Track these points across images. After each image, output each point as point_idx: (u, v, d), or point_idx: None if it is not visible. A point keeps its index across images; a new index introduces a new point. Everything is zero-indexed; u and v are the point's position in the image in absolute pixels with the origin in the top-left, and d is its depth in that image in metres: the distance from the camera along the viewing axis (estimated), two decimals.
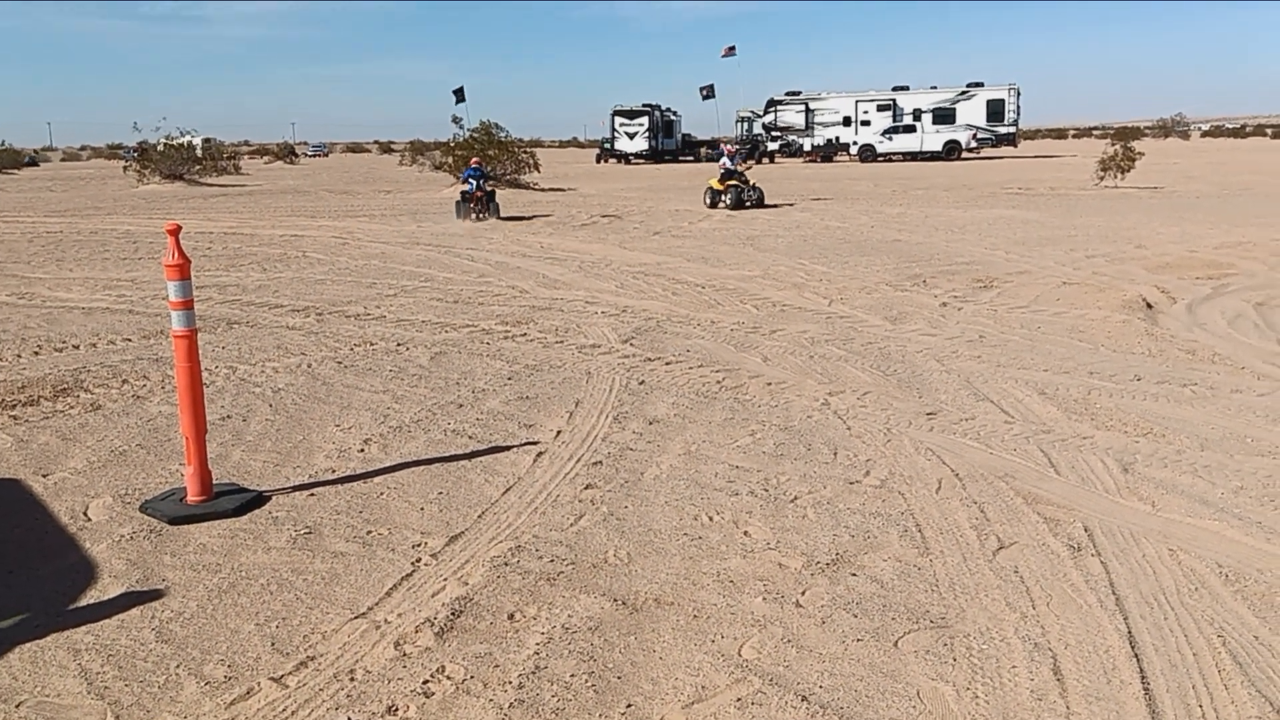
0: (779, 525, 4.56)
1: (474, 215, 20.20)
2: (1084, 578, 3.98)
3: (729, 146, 28.32)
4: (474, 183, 20.71)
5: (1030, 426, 6.02)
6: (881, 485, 5.07)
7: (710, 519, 4.65)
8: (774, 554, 4.25)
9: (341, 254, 15.14)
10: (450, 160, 33.10)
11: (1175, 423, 6.08)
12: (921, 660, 3.36)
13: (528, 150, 34.21)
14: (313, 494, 5.01)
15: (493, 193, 21.30)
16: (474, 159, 22.78)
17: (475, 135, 32.70)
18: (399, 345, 8.47)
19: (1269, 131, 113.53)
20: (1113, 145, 30.19)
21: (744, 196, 23.48)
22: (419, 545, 4.37)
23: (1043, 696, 3.13)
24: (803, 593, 3.88)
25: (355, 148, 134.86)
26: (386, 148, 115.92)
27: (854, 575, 4.03)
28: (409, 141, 74.63)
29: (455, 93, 36.80)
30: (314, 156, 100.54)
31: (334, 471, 5.34)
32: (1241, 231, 16.49)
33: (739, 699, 3.13)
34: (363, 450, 5.70)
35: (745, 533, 4.48)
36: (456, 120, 35.49)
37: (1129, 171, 29.08)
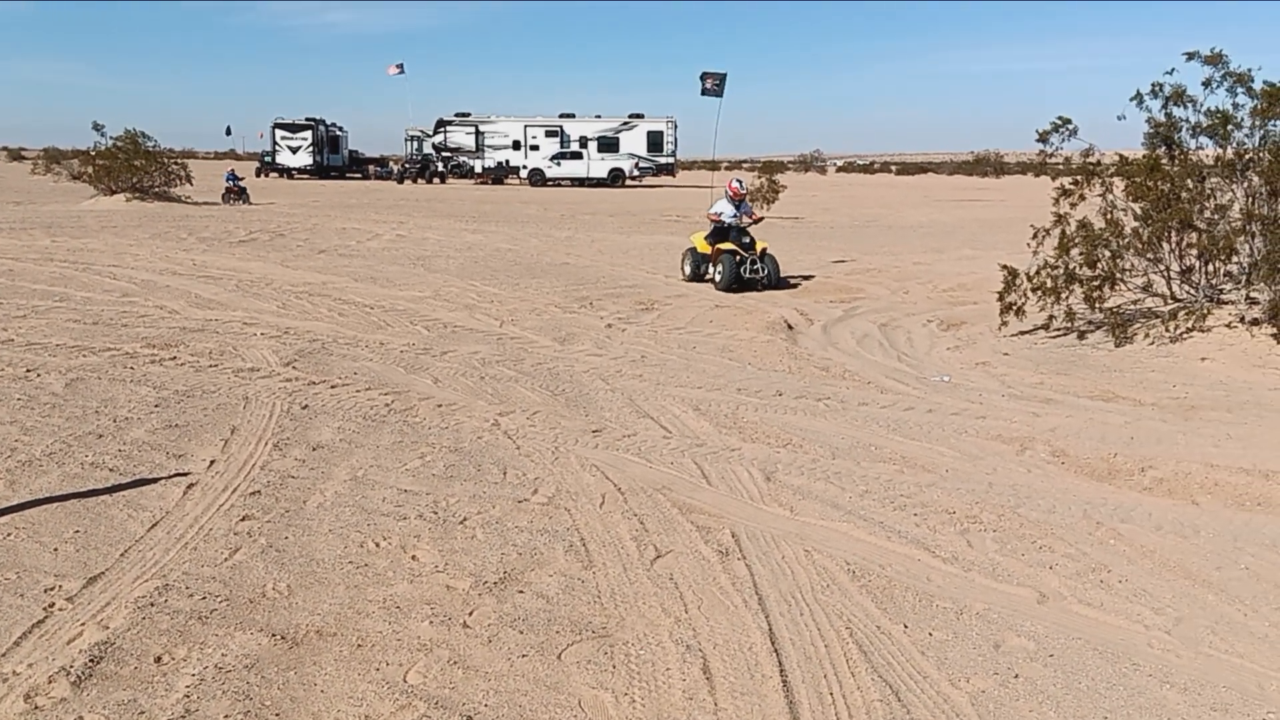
0: (448, 547, 4.57)
1: (232, 201, 30.52)
2: (731, 580, 4.29)
3: (734, 185, 14.70)
4: (231, 182, 31.28)
5: (686, 441, 6.40)
6: (549, 502, 5.21)
7: (377, 545, 4.58)
8: (442, 576, 4.25)
9: None
10: (91, 170, 30.09)
11: (811, 434, 6.68)
12: (584, 670, 3.49)
13: (179, 161, 31.95)
14: None
15: (244, 188, 31.90)
16: (231, 166, 33.56)
17: (119, 144, 30.04)
18: (29, 371, 7.66)
19: (894, 168, 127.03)
20: (760, 178, 32.45)
21: (749, 271, 14.02)
22: (52, 589, 3.99)
23: (694, 695, 3.35)
24: (470, 613, 3.91)
25: None
26: (16, 155, 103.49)
27: (521, 592, 4.11)
28: (43, 148, 67.30)
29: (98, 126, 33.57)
30: None
31: None
32: (869, 259, 18.39)
33: None
34: None
35: (413, 557, 4.45)
36: (98, 127, 32.47)
37: (774, 203, 31.48)
